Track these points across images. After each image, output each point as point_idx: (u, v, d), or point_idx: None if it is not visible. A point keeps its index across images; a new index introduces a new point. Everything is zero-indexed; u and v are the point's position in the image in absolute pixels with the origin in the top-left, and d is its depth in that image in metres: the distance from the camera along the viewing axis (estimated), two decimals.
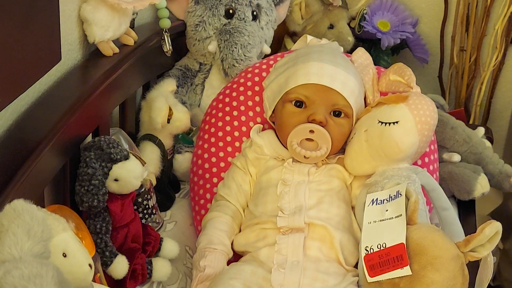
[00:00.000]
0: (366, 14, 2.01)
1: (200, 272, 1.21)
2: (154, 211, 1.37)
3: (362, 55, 1.45)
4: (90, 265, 0.96)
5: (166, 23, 1.55)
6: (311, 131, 1.27)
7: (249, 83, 1.46)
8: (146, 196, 1.34)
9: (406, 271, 1.03)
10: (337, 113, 1.30)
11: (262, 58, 1.62)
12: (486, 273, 1.08)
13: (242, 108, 1.44)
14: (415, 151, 1.26)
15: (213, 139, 1.43)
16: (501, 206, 1.88)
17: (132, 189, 1.19)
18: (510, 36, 2.07)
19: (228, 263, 1.25)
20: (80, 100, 1.19)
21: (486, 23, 2.07)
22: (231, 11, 1.67)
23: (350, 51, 1.68)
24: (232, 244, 1.28)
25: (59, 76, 1.27)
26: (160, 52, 1.57)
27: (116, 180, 1.16)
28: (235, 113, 1.44)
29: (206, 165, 1.43)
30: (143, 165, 1.20)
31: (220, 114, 1.45)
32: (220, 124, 1.44)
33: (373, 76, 1.41)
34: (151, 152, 1.43)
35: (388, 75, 1.39)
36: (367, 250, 1.07)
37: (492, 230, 1.03)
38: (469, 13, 2.09)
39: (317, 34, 1.84)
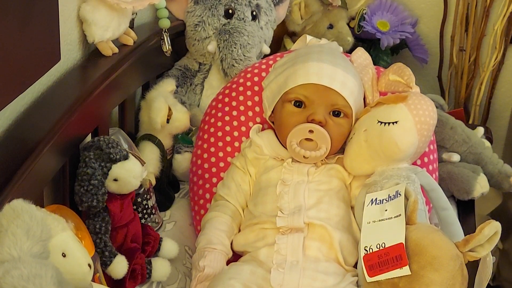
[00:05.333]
0: (365, 14, 2.01)
1: (199, 272, 1.21)
2: (153, 211, 1.37)
3: (361, 55, 1.45)
4: (89, 265, 0.96)
5: (165, 23, 1.55)
6: (311, 131, 1.27)
7: (248, 83, 1.46)
8: (145, 196, 1.34)
9: (405, 271, 1.03)
10: (336, 113, 1.30)
11: (262, 58, 1.62)
12: (485, 273, 1.08)
13: (242, 108, 1.44)
14: (415, 151, 1.26)
15: (212, 139, 1.43)
16: (501, 206, 1.88)
17: (131, 189, 1.19)
18: (509, 36, 2.07)
19: (228, 263, 1.25)
20: (80, 100, 1.19)
21: (485, 23, 2.08)
22: (230, 11, 1.67)
23: (349, 51, 1.68)
24: (231, 244, 1.28)
25: (58, 76, 1.27)
26: (160, 52, 1.57)
27: (115, 180, 1.16)
28: (234, 113, 1.44)
29: (206, 165, 1.43)
30: (143, 165, 1.20)
31: (219, 114, 1.45)
32: (219, 124, 1.44)
33: (372, 76, 1.41)
34: (150, 152, 1.43)
35: (387, 75, 1.40)
36: (366, 250, 1.07)
37: (491, 230, 1.03)
38: (468, 13, 2.09)
39: (317, 34, 1.84)
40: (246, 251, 1.26)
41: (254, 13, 1.71)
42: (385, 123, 1.24)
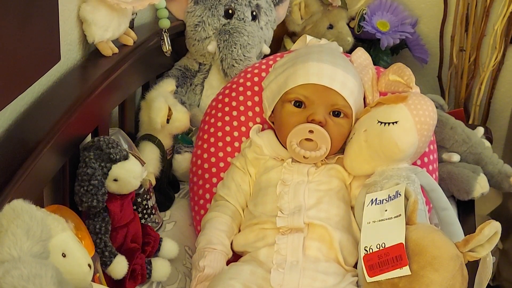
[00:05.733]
0: (365, 14, 2.01)
1: (199, 272, 1.21)
2: (153, 211, 1.37)
3: (361, 55, 1.45)
4: (89, 265, 0.96)
5: (165, 23, 1.55)
6: (311, 131, 1.27)
7: (248, 83, 1.46)
8: (145, 196, 1.34)
9: (405, 271, 1.03)
10: (336, 113, 1.30)
11: (262, 58, 1.62)
12: (485, 273, 1.08)
13: (242, 108, 1.44)
14: (415, 151, 1.26)
15: (212, 139, 1.43)
16: (501, 206, 1.87)
17: (131, 189, 1.19)
18: (509, 36, 2.07)
19: (228, 263, 1.25)
20: (80, 100, 1.19)
21: (485, 23, 2.08)
22: (230, 11, 1.67)
23: (349, 51, 1.68)
24: (231, 244, 1.28)
25: (58, 76, 1.27)
26: (160, 52, 1.57)
27: (115, 180, 1.16)
28: (234, 113, 1.44)
29: (206, 165, 1.43)
30: (143, 165, 1.20)
31: (219, 114, 1.45)
32: (219, 124, 1.44)
33: (372, 76, 1.41)
34: (150, 152, 1.43)
35: (387, 75, 1.39)
36: (366, 250, 1.07)
37: (491, 230, 1.03)
38: (468, 13, 2.09)
39: (317, 34, 1.84)
40: (246, 251, 1.26)
41: (254, 13, 1.71)
42: (385, 123, 1.24)
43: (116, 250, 1.15)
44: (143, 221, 1.32)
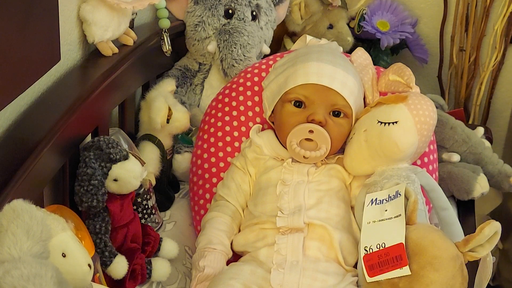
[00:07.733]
0: (365, 14, 2.01)
1: (199, 272, 1.21)
2: (153, 211, 1.37)
3: (361, 55, 1.45)
4: (89, 265, 0.96)
5: (165, 23, 1.55)
6: (311, 131, 1.27)
7: (248, 83, 1.46)
8: (145, 196, 1.34)
9: (405, 271, 1.03)
10: (336, 113, 1.30)
11: (262, 58, 1.62)
12: (485, 273, 1.08)
13: (242, 108, 1.44)
14: (414, 151, 1.26)
15: (212, 139, 1.43)
16: (501, 206, 1.88)
17: (131, 189, 1.19)
18: (509, 36, 2.07)
19: (228, 263, 1.25)
20: (80, 100, 1.19)
21: (485, 23, 2.08)
22: (230, 11, 1.67)
23: (349, 51, 1.68)
24: (231, 244, 1.28)
25: (58, 76, 1.27)
26: (160, 52, 1.57)
27: (115, 180, 1.16)
28: (234, 113, 1.44)
29: (206, 165, 1.43)
30: (143, 165, 1.20)
31: (219, 114, 1.45)
32: (219, 124, 1.44)
33: (372, 76, 1.41)
34: (150, 152, 1.43)
35: (387, 75, 1.40)
36: (366, 250, 1.07)
37: (491, 230, 1.03)
38: (468, 13, 2.09)
39: (317, 34, 1.84)
40: (246, 251, 1.26)
41: (254, 13, 1.71)
42: (385, 123, 1.24)
43: (116, 250, 1.15)
44: (143, 221, 1.32)
